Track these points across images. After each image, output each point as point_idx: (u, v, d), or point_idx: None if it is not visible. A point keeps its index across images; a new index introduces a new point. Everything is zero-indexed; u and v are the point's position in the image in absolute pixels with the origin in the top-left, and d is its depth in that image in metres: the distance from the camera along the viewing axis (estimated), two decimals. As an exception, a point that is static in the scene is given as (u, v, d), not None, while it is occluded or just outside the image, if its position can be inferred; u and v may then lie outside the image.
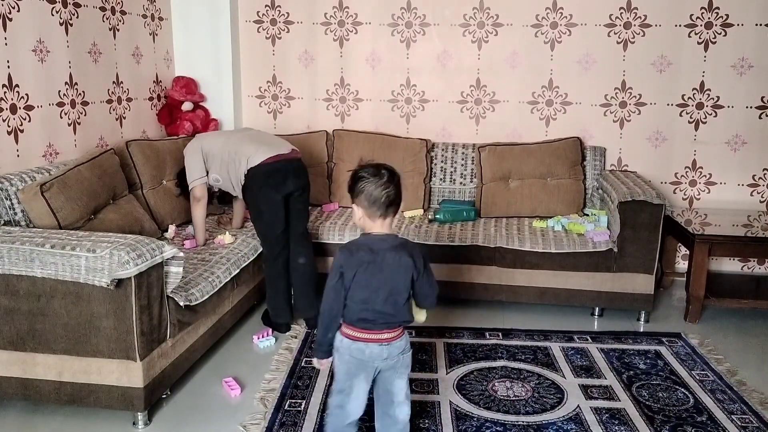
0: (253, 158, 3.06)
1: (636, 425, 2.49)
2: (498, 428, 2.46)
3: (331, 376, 2.30)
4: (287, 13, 4.19)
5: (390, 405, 2.05)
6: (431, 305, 2.08)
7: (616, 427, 2.47)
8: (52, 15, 3.02)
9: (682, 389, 2.77)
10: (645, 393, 2.73)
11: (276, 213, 3.09)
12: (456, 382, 2.81)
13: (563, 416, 2.55)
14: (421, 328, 3.33)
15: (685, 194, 4.10)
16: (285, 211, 3.11)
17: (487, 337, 3.26)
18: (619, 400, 2.67)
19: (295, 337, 3.18)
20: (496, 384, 2.79)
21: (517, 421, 2.51)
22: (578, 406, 2.63)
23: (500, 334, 3.29)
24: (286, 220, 3.13)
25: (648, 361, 3.02)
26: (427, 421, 2.50)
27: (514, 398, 2.68)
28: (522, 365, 2.97)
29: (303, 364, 2.92)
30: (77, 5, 3.19)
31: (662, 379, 2.85)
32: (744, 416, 2.55)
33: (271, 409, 2.55)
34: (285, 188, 3.07)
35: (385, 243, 1.96)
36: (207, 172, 3.23)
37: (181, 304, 2.52)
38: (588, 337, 3.26)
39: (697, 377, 2.86)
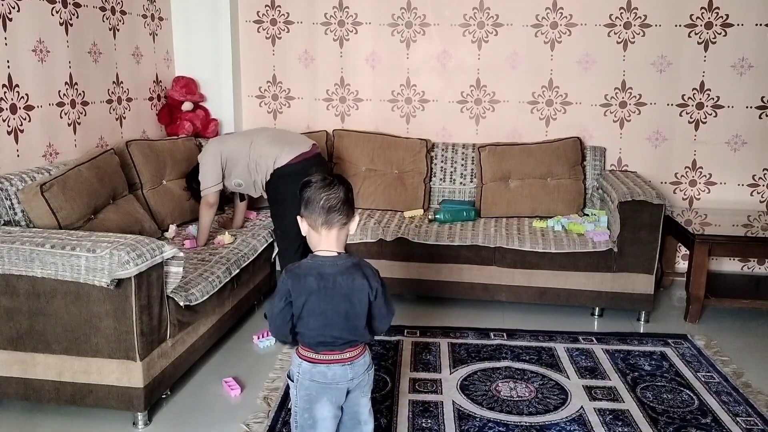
0: (279, 159, 3.15)
1: (639, 426, 2.48)
2: (501, 428, 2.46)
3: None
4: (287, 13, 4.19)
5: (356, 426, 1.94)
6: (384, 330, 1.92)
7: (620, 429, 2.47)
8: (52, 15, 3.02)
9: (687, 391, 2.76)
10: (649, 394, 2.72)
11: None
12: (459, 383, 2.80)
13: (566, 417, 2.55)
14: (426, 328, 3.34)
15: (685, 194, 4.10)
16: None
17: (492, 337, 3.26)
18: (623, 402, 2.66)
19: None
20: (500, 384, 2.79)
21: (520, 422, 2.50)
22: (582, 407, 2.62)
23: (505, 334, 3.29)
24: None
25: (653, 362, 3.01)
26: (429, 420, 2.50)
27: (517, 399, 2.68)
28: (526, 366, 2.97)
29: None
30: (77, 5, 3.19)
31: (667, 381, 2.84)
32: (749, 418, 2.54)
33: (275, 407, 2.55)
34: None
35: (334, 266, 1.80)
36: (224, 177, 3.24)
37: (181, 304, 2.52)
38: (593, 338, 3.26)
39: (703, 379, 2.85)
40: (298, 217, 1.86)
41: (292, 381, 1.89)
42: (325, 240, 1.82)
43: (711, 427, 2.49)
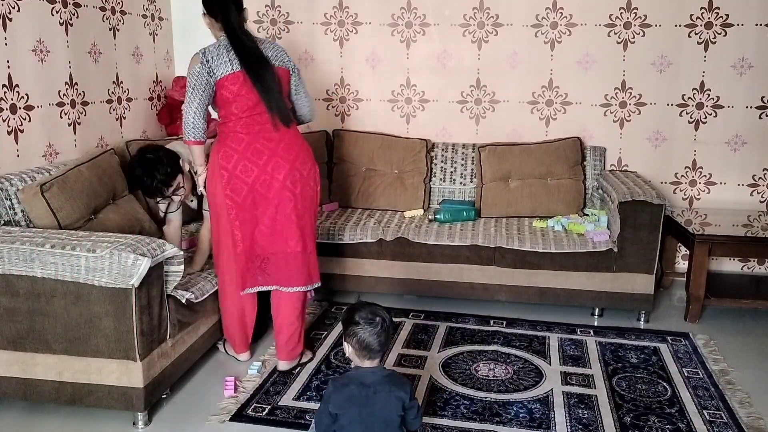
0: None
1: (600, 410, 2.54)
2: (465, 402, 2.57)
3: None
4: (287, 13, 4.19)
5: None
6: (415, 428, 2.09)
7: (580, 411, 2.53)
8: (52, 15, 3.02)
9: (664, 383, 2.79)
10: (624, 384, 2.77)
11: None
12: (443, 361, 2.91)
13: (532, 397, 2.62)
14: (429, 312, 3.46)
15: (685, 194, 4.10)
16: None
17: (491, 324, 3.35)
18: (595, 388, 2.72)
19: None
20: (481, 365, 2.90)
21: (485, 398, 2.61)
22: (551, 389, 2.69)
23: (504, 322, 3.38)
24: None
25: (642, 356, 3.04)
26: None
27: (492, 378, 2.77)
28: (513, 350, 3.05)
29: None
30: (77, 5, 3.19)
31: (648, 373, 2.87)
32: (716, 412, 2.56)
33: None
34: None
35: (374, 375, 1.99)
36: None
37: (183, 300, 2.52)
38: (591, 331, 3.30)
39: (686, 374, 2.87)
40: (344, 341, 2.01)
41: None
42: (368, 363, 2.00)
43: (673, 416, 2.52)
